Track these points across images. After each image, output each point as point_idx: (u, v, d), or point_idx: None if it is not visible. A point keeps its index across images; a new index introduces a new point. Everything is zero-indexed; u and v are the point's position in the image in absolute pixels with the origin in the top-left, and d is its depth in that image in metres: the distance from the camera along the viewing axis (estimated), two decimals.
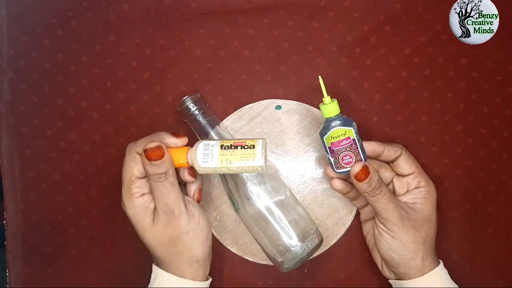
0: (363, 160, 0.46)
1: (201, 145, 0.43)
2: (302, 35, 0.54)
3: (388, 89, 0.55)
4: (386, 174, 0.50)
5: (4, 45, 0.53)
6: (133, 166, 0.44)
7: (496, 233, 0.55)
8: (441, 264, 0.48)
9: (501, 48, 0.54)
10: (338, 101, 0.45)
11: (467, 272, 0.55)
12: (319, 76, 0.45)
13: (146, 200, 0.45)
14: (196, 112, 0.49)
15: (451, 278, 0.48)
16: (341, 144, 0.45)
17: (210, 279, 0.49)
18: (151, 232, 0.45)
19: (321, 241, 0.50)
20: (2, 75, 0.54)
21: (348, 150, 0.45)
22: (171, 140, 0.44)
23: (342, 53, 0.54)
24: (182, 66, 0.54)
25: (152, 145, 0.42)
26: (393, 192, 0.49)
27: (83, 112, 0.54)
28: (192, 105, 0.49)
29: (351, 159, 0.46)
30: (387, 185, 0.50)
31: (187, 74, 0.54)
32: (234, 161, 0.42)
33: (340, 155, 0.46)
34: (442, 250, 0.55)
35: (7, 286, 0.55)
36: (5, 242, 0.55)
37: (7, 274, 0.55)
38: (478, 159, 0.55)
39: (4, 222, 0.54)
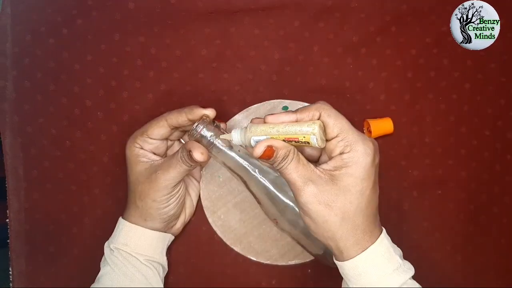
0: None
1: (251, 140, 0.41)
2: (308, 36, 0.54)
3: (393, 90, 0.55)
4: None
5: (9, 43, 0.53)
6: (163, 125, 0.46)
7: (499, 234, 0.55)
8: (384, 231, 0.42)
9: (506, 50, 0.54)
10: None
11: (471, 273, 0.55)
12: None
13: (140, 153, 0.47)
14: (211, 140, 0.45)
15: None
16: None
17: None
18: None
19: None
20: (6, 74, 0.53)
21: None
22: (200, 111, 0.45)
23: (348, 53, 0.54)
24: (188, 65, 0.54)
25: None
26: (318, 160, 0.44)
27: (88, 111, 0.54)
28: (206, 131, 0.44)
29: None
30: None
31: (192, 74, 0.54)
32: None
33: None
34: (445, 251, 0.55)
35: (10, 285, 0.55)
36: (8, 241, 0.54)
37: (10, 273, 0.55)
38: (482, 161, 0.55)
39: (7, 221, 0.54)
